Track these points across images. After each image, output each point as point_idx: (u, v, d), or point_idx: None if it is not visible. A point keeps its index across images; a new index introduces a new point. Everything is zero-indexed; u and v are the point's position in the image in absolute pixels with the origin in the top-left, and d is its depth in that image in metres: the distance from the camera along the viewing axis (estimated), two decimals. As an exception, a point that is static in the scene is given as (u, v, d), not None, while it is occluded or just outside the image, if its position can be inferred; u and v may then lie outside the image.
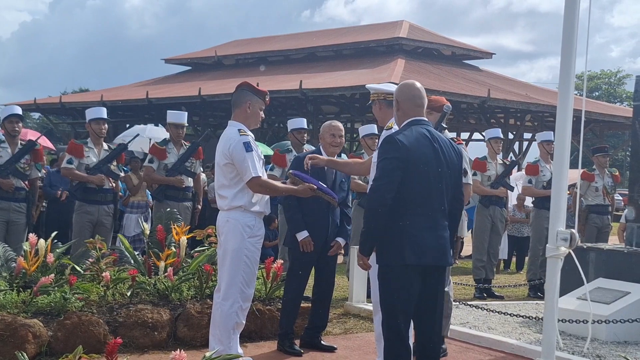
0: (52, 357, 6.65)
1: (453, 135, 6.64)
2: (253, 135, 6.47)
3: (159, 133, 24.69)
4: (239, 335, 6.53)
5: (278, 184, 6.60)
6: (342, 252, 7.75)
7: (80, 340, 6.77)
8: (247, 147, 6.25)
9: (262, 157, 6.47)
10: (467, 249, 16.01)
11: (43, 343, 6.72)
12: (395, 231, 5.22)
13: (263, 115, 6.56)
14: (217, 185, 6.47)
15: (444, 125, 7.02)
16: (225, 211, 6.39)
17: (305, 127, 10.52)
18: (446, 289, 6.40)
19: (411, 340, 5.50)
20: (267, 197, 6.55)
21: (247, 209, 6.34)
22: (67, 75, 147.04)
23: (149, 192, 13.85)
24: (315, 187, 6.55)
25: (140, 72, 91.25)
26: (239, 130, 6.34)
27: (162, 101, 35.40)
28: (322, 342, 7.59)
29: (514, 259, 15.69)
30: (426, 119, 5.46)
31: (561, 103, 5.00)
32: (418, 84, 5.56)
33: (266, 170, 12.02)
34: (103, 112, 9.68)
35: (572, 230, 4.86)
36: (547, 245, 4.96)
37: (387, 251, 5.27)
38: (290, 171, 6.76)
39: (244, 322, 6.56)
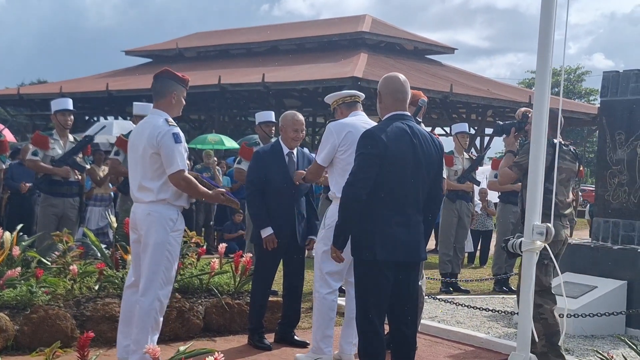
0: (18, 352, 6.55)
1: (428, 129, 6.61)
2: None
3: (128, 127, 24.46)
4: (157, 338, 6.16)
5: (198, 184, 6.20)
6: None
7: (48, 334, 6.69)
8: (177, 138, 5.98)
9: (188, 151, 6.28)
10: (432, 243, 16.05)
11: (9, 337, 6.60)
12: (367, 226, 5.23)
13: (184, 102, 6.30)
14: (139, 177, 6.10)
15: (419, 120, 7.00)
16: (145, 204, 6.08)
17: (273, 120, 10.45)
18: (419, 283, 6.39)
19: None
20: None
21: (171, 203, 6.08)
22: (24, 67, 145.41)
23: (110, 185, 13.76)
24: (224, 191, 6.42)
25: (99, 64, 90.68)
26: (166, 119, 6.07)
27: (122, 93, 35.13)
28: (295, 337, 7.55)
29: (477, 253, 15.74)
30: (408, 113, 5.44)
31: (537, 98, 5.02)
32: (402, 77, 5.53)
33: (233, 164, 12.07)
34: (69, 104, 9.54)
35: (548, 224, 4.86)
36: (522, 239, 4.94)
37: (359, 246, 5.29)
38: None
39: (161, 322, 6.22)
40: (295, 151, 7.44)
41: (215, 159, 16.66)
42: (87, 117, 39.55)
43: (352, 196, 5.17)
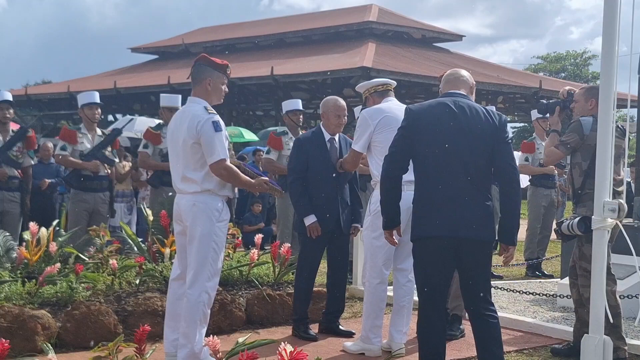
0: (62, 349, 6.39)
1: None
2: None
3: (149, 123, 24.31)
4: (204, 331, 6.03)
5: (240, 172, 6.03)
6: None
7: (91, 330, 6.58)
8: (217, 126, 5.81)
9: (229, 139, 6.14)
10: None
11: (52, 334, 6.44)
12: (420, 203, 5.15)
13: (226, 89, 6.11)
14: (181, 168, 5.96)
15: None
16: (190, 194, 5.92)
17: (301, 108, 10.32)
18: None
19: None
20: None
21: (216, 193, 5.93)
22: (28, 68, 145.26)
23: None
24: (267, 179, 6.27)
25: (105, 62, 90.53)
26: (205, 107, 5.89)
27: (130, 91, 35.04)
28: (340, 326, 7.39)
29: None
30: (462, 92, 5.29)
31: (604, 79, 4.80)
32: (463, 72, 5.55)
33: (263, 153, 11.91)
34: (96, 97, 9.39)
35: (620, 200, 4.70)
36: (592, 217, 4.77)
37: (414, 224, 5.20)
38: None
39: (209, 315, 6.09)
40: (337, 137, 7.28)
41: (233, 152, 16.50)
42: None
43: (384, 172, 5.23)
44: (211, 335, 4.78)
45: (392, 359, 6.56)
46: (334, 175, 7.14)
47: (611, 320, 5.13)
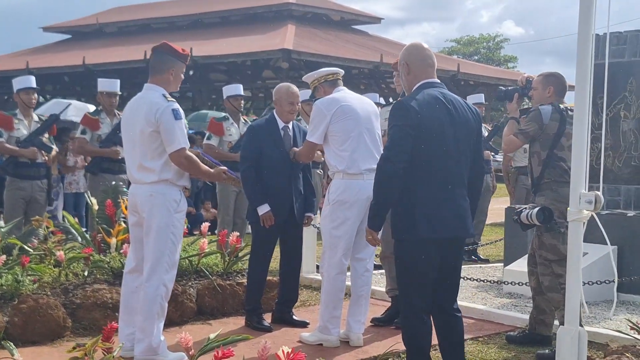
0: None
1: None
2: None
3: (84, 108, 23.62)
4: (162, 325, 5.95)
5: (200, 162, 5.93)
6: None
7: (40, 324, 6.40)
8: (176, 114, 5.70)
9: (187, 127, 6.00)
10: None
11: (0, 329, 6.20)
12: (408, 203, 4.94)
13: (182, 77, 6.01)
14: (138, 157, 5.79)
15: None
16: (147, 185, 5.78)
17: (242, 93, 10.15)
18: None
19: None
20: None
21: (174, 182, 5.81)
22: None
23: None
24: (226, 169, 6.16)
25: (16, 41, 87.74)
26: (164, 95, 5.76)
27: (43, 71, 34.14)
28: (293, 316, 7.29)
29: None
30: (439, 81, 5.17)
31: (580, 63, 4.76)
32: (425, 45, 5.27)
33: (201, 139, 11.72)
34: (32, 81, 9.09)
35: (597, 192, 4.69)
36: (568, 208, 4.75)
37: (401, 225, 5.01)
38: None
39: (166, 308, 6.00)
40: (290, 125, 7.16)
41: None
42: (5, 97, 38.33)
43: (390, 171, 4.85)
44: (185, 333, 4.62)
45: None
46: (289, 165, 7.01)
47: (586, 310, 5.17)
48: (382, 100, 12.36)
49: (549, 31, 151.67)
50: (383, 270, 7.91)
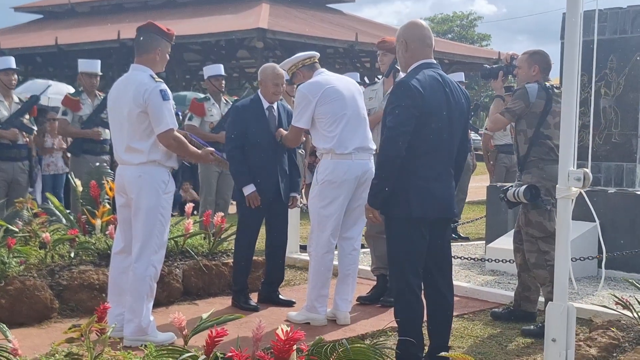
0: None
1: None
2: None
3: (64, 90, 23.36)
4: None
5: (188, 143, 5.95)
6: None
7: (26, 306, 6.42)
8: (164, 95, 5.70)
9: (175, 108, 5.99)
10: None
11: (-14, 312, 6.20)
12: (401, 182, 4.99)
13: (168, 57, 6.01)
14: (126, 138, 5.79)
15: (398, 67, 6.83)
16: (135, 166, 5.78)
17: (223, 73, 10.10)
18: None
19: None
20: None
21: (162, 164, 5.82)
22: None
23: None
24: (214, 150, 6.17)
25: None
26: (151, 75, 5.76)
27: (15, 52, 33.71)
28: (280, 296, 7.32)
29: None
30: (435, 62, 5.21)
31: (568, 38, 4.82)
32: (425, 23, 5.30)
33: (184, 120, 11.67)
34: (12, 62, 9.04)
35: (585, 169, 4.74)
36: (557, 185, 4.80)
37: (393, 203, 5.06)
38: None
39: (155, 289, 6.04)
40: (275, 105, 7.15)
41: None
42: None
43: (394, 151, 4.90)
44: (178, 313, 4.63)
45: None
46: (274, 145, 7.01)
47: (575, 287, 5.22)
48: (366, 80, 12.34)
49: (520, 10, 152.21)
50: (368, 249, 7.95)
